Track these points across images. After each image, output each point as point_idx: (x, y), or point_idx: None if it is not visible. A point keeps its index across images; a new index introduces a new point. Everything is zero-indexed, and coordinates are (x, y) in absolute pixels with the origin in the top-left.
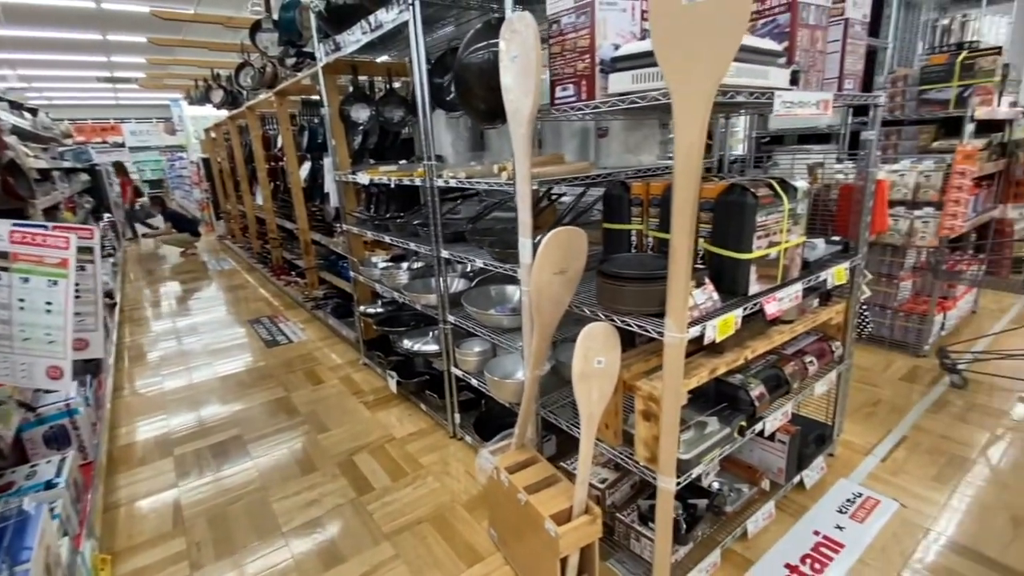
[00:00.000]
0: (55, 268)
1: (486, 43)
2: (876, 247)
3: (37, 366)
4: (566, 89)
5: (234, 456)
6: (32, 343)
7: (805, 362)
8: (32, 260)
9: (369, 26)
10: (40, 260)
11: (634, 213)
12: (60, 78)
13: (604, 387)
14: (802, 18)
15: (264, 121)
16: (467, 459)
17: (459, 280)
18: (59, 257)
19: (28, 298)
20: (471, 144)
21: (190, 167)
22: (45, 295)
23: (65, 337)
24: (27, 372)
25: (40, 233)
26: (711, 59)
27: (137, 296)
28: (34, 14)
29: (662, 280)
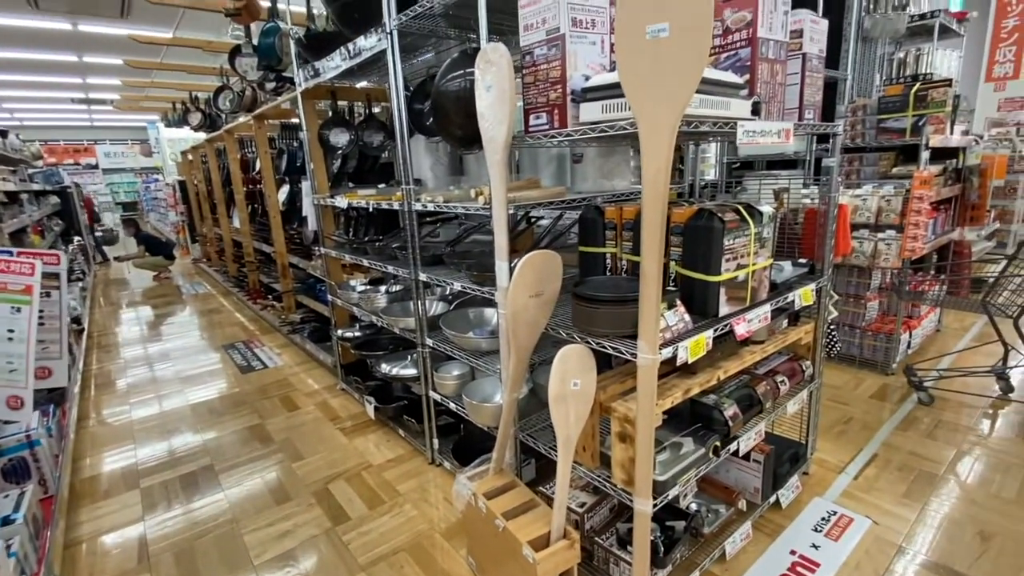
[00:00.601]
0: (19, 295)
1: (462, 71)
2: (843, 268)
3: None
4: (539, 117)
5: (204, 487)
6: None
7: (777, 381)
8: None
9: (348, 53)
10: (3, 287)
11: (608, 236)
12: (32, 99)
13: (580, 409)
14: (762, 52)
15: (242, 144)
16: (446, 486)
17: (438, 303)
18: (23, 284)
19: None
20: (450, 168)
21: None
22: (7, 322)
23: (27, 365)
24: None
25: (4, 259)
26: (674, 91)
27: (106, 322)
28: (7, 35)
29: (635, 302)
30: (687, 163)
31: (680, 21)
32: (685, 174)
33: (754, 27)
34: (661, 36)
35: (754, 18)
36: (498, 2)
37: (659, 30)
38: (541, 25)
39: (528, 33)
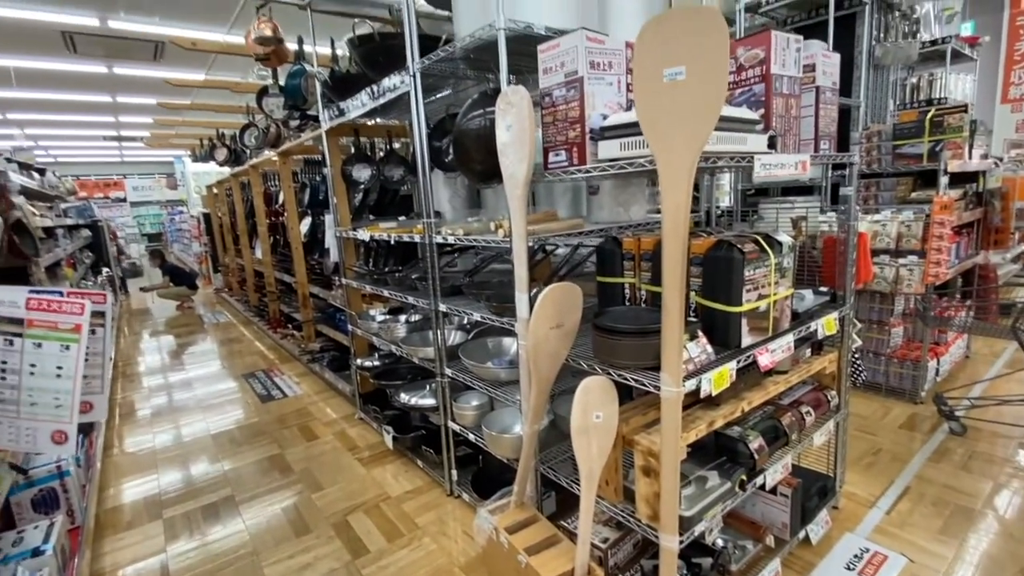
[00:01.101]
0: (68, 333)
1: (482, 111)
2: (864, 294)
3: (42, 431)
4: (559, 155)
5: (225, 518)
6: (39, 408)
7: (802, 412)
8: (46, 326)
9: (373, 93)
10: (54, 326)
11: (626, 267)
12: (67, 136)
13: (603, 442)
14: (776, 88)
15: (266, 178)
16: (465, 518)
17: (456, 332)
18: (73, 323)
19: (39, 363)
20: (468, 201)
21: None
22: (57, 360)
23: (72, 401)
24: (31, 437)
25: (56, 300)
26: (692, 132)
27: (131, 351)
28: (47, 77)
29: (657, 334)
30: (702, 191)
31: (696, 65)
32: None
33: (767, 64)
34: (678, 79)
35: (767, 56)
36: (516, 45)
37: (676, 74)
38: (560, 68)
39: (547, 76)
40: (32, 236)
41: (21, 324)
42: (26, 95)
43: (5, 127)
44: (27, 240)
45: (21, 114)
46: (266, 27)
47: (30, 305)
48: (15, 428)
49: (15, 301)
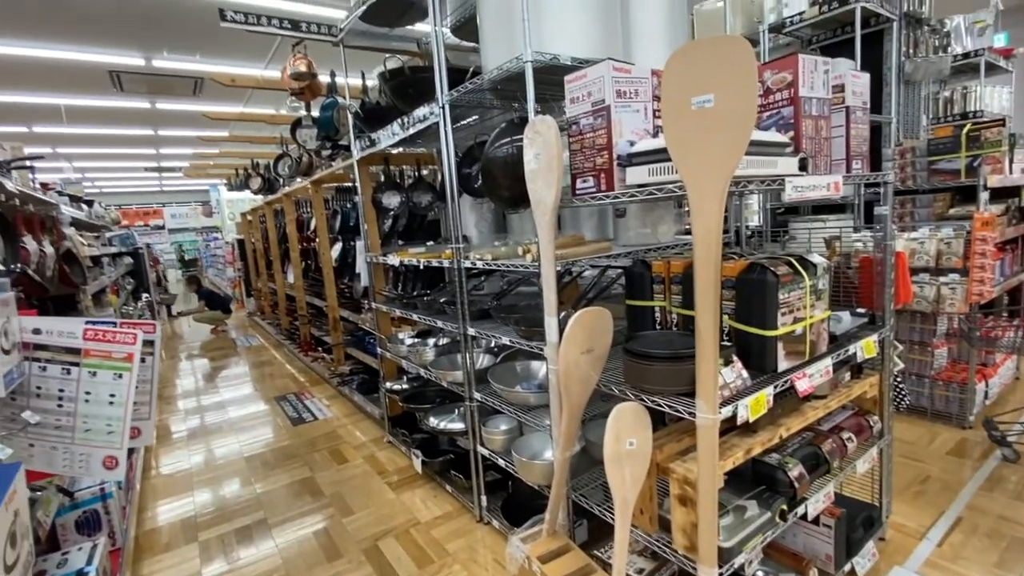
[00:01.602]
0: (121, 362)
1: (509, 139)
2: (904, 315)
3: (95, 456)
4: (586, 181)
5: (259, 541)
6: (92, 434)
7: (843, 439)
8: (101, 355)
9: (404, 124)
10: (108, 355)
11: (656, 290)
12: (111, 168)
13: (637, 470)
14: (805, 110)
15: (299, 205)
16: (495, 545)
17: (484, 356)
18: (126, 352)
19: (94, 391)
20: (494, 225)
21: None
22: (110, 388)
23: (124, 427)
24: (85, 462)
25: (110, 330)
26: (722, 156)
27: (168, 374)
28: (94, 114)
29: (690, 359)
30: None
31: (725, 92)
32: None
33: (795, 87)
34: (707, 107)
35: (795, 79)
36: (542, 75)
37: (704, 101)
38: (587, 98)
39: (574, 105)
40: (81, 265)
41: (78, 354)
42: (75, 130)
43: (55, 161)
44: (76, 269)
45: (70, 148)
46: (301, 63)
47: (87, 335)
48: (70, 453)
49: (73, 332)
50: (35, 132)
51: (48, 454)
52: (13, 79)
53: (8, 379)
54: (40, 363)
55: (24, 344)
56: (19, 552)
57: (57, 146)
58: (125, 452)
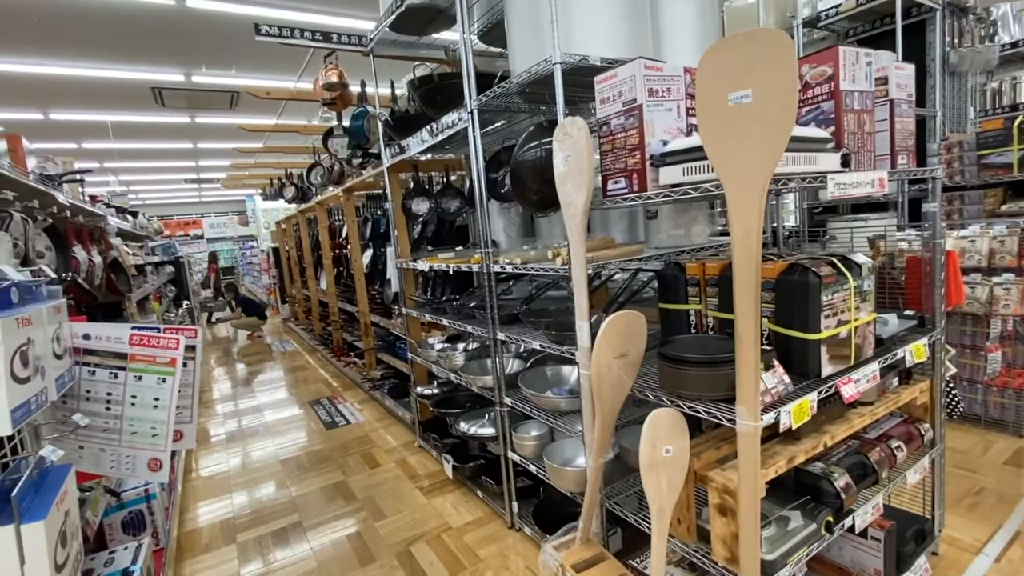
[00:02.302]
0: (165, 367)
1: (538, 142)
2: (954, 317)
3: (140, 459)
4: (618, 182)
5: (294, 544)
6: (138, 437)
7: (892, 447)
8: (146, 360)
9: (432, 131)
10: (153, 360)
11: (691, 293)
12: (154, 180)
13: (674, 478)
14: (846, 104)
15: (330, 213)
16: (526, 552)
17: (513, 360)
18: (169, 357)
19: (139, 395)
20: (522, 230)
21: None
22: (154, 392)
23: (167, 431)
24: (131, 464)
25: (154, 336)
26: (761, 154)
27: (207, 378)
28: (138, 129)
29: (728, 364)
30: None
31: (763, 87)
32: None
33: (836, 80)
34: (744, 102)
35: (835, 72)
36: (571, 77)
37: (742, 97)
38: (618, 98)
39: (605, 105)
40: (126, 274)
41: (125, 359)
42: (120, 145)
43: (102, 175)
44: (122, 277)
45: (116, 163)
46: (333, 74)
47: (132, 340)
48: (117, 455)
49: (120, 337)
50: (84, 148)
51: (96, 456)
52: (64, 98)
53: (60, 383)
54: (89, 367)
55: (75, 349)
56: (69, 552)
57: (104, 161)
58: (169, 455)
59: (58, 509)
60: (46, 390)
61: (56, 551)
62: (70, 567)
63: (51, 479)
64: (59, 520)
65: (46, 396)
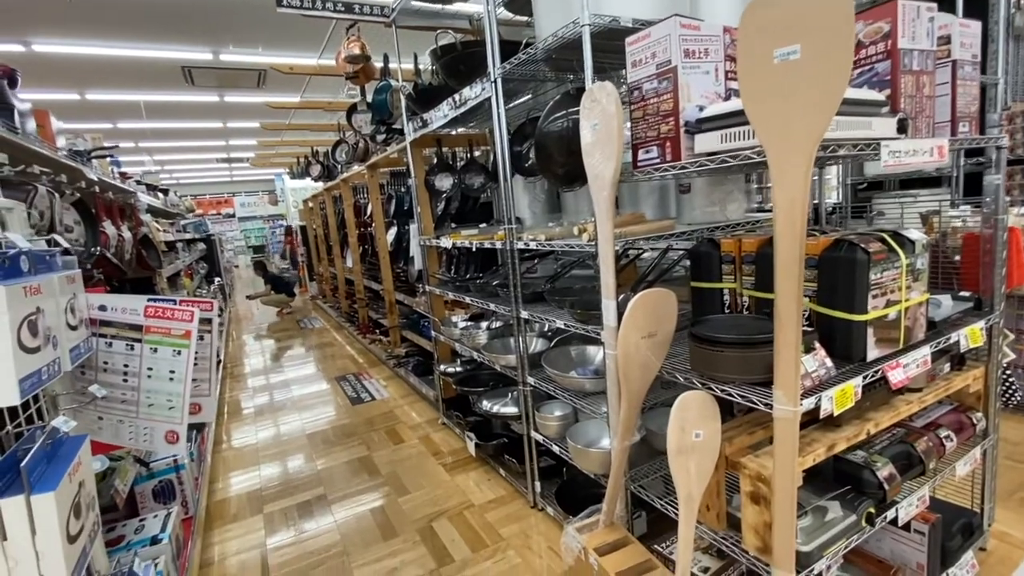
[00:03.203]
0: (180, 339)
1: (564, 112)
2: (1013, 300)
3: (157, 431)
4: (649, 152)
5: (319, 516)
6: (155, 409)
7: (941, 437)
8: (161, 332)
9: (455, 103)
10: (168, 332)
11: (725, 271)
12: (187, 160)
13: (704, 463)
14: (904, 64)
15: (356, 191)
16: (549, 532)
17: (537, 339)
18: (184, 329)
19: (155, 367)
20: (548, 206)
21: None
22: (170, 364)
23: (183, 403)
24: (149, 436)
25: (169, 307)
26: (810, 116)
27: (238, 353)
28: (170, 109)
29: (765, 345)
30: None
31: (813, 42)
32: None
33: (893, 38)
34: (791, 59)
35: (893, 29)
36: (600, 42)
37: (789, 53)
38: (651, 60)
39: (637, 69)
40: (156, 250)
41: (140, 330)
42: (154, 125)
43: (137, 155)
44: (152, 253)
45: (150, 143)
46: (355, 46)
47: (147, 312)
48: (135, 427)
49: (135, 309)
50: (119, 128)
51: (115, 427)
52: (98, 78)
53: (76, 354)
54: (106, 339)
55: (91, 320)
56: (84, 523)
57: (139, 141)
58: (185, 427)
59: (70, 480)
60: (58, 360)
61: (69, 522)
62: (85, 537)
63: (65, 450)
64: (72, 491)
65: (59, 366)
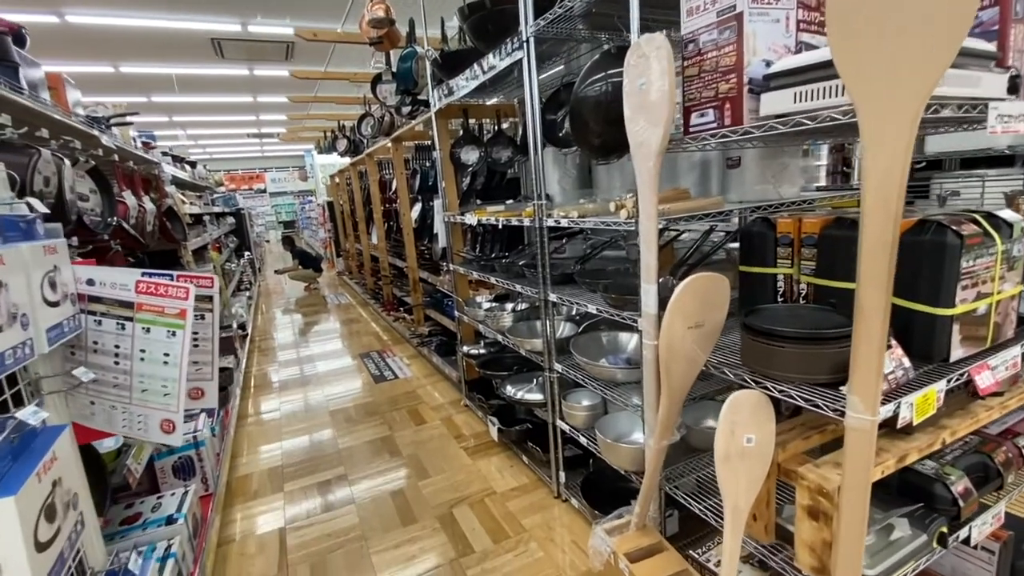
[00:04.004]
0: (174, 319)
1: (603, 74)
2: None
3: (152, 418)
4: (704, 115)
5: (338, 496)
6: (149, 395)
7: (1019, 446)
8: (154, 310)
9: (483, 68)
10: (161, 311)
11: (781, 254)
12: (219, 135)
13: (754, 471)
14: (1016, 12)
15: (381, 166)
16: (573, 526)
17: (565, 323)
18: (179, 308)
19: (148, 349)
20: (578, 181)
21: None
22: (163, 346)
23: (179, 390)
24: (143, 424)
25: (163, 284)
26: (919, 65)
27: (266, 327)
28: (201, 82)
29: (836, 341)
30: (856, 164)
31: None
32: (854, 177)
33: None
34: None
35: None
36: None
37: None
38: (711, 5)
39: (693, 17)
40: (182, 222)
41: (132, 308)
42: (186, 99)
43: (171, 129)
44: (177, 225)
45: (183, 117)
46: (379, 8)
47: (139, 288)
48: (128, 414)
49: (126, 284)
50: (153, 101)
51: (108, 413)
52: (131, 51)
53: (56, 333)
54: (96, 316)
55: (79, 296)
56: (60, 525)
57: (173, 115)
58: (181, 416)
59: (39, 480)
60: (30, 342)
61: (38, 528)
62: (63, 542)
63: (37, 444)
64: (42, 492)
65: (30, 348)
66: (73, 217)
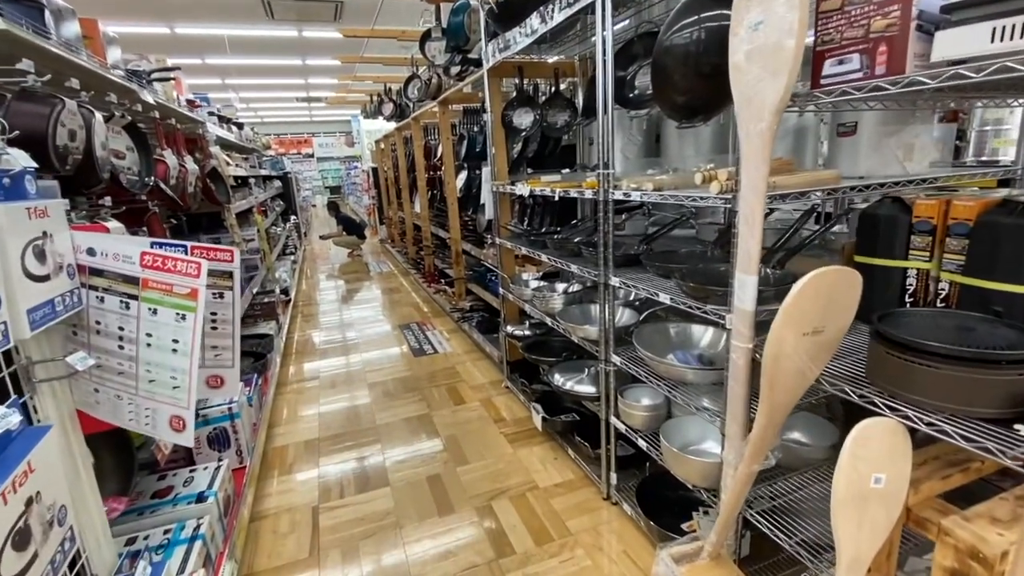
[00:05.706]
0: (184, 299)
1: (696, 18)
2: None
3: (161, 413)
4: (846, 62)
5: (373, 477)
6: (156, 386)
7: None
8: (162, 288)
9: (545, 16)
10: (169, 289)
11: (916, 244)
12: (270, 99)
13: (880, 517)
14: None
15: (426, 131)
16: (624, 533)
17: (623, 309)
18: (189, 287)
19: (156, 333)
20: (644, 149)
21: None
22: (172, 331)
23: (189, 382)
24: (151, 419)
25: (172, 256)
26: None
27: (310, 292)
28: (252, 44)
29: (1011, 365)
30: (971, 136)
31: None
32: (965, 152)
33: None
34: None
35: None
36: None
37: None
38: None
39: None
40: (225, 184)
41: (136, 284)
42: (237, 61)
43: (223, 91)
44: (220, 187)
45: (235, 79)
46: None
47: (144, 261)
48: (135, 406)
49: (130, 256)
50: (207, 63)
51: (113, 403)
52: (185, 11)
53: (43, 313)
54: (97, 292)
55: (80, 267)
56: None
57: (226, 78)
58: (192, 412)
59: (3, 503)
60: (5, 325)
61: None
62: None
63: (8, 454)
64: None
65: (6, 333)
66: (105, 175)
